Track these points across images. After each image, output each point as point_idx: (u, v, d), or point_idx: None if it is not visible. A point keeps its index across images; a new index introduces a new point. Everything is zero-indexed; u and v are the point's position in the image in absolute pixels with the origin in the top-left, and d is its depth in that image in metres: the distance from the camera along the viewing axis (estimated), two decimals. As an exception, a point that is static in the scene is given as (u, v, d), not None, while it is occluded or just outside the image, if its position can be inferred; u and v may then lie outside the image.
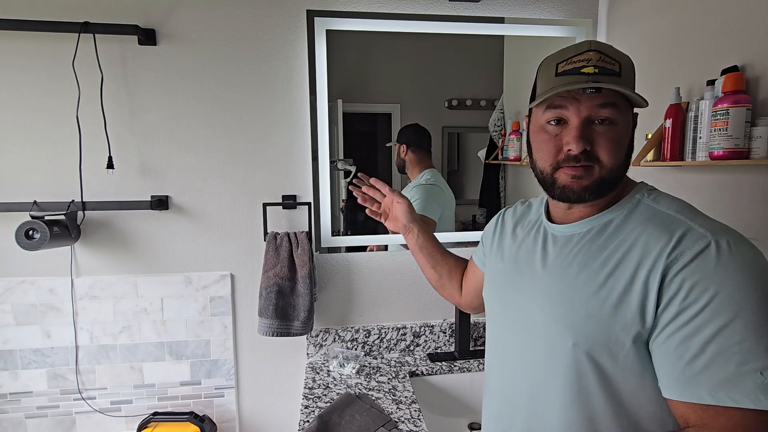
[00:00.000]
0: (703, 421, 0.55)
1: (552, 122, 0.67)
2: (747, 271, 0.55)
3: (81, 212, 1.35)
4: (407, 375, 1.37)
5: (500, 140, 1.55)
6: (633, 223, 0.65)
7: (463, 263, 1.12)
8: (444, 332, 1.55)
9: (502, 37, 1.49)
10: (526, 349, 0.73)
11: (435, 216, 1.54)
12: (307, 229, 1.45)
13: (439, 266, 1.10)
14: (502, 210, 0.95)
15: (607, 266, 0.64)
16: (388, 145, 1.52)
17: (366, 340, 1.52)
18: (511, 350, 0.77)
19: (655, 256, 0.59)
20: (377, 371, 1.40)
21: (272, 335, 1.36)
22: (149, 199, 1.37)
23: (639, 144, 1.27)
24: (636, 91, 0.65)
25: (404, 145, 1.51)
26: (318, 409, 1.17)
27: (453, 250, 1.53)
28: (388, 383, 1.32)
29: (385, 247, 1.53)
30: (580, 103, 0.64)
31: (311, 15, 1.39)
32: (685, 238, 0.59)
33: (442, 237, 1.53)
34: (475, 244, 1.56)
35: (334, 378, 1.35)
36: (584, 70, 0.63)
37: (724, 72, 0.99)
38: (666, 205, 0.65)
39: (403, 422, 1.11)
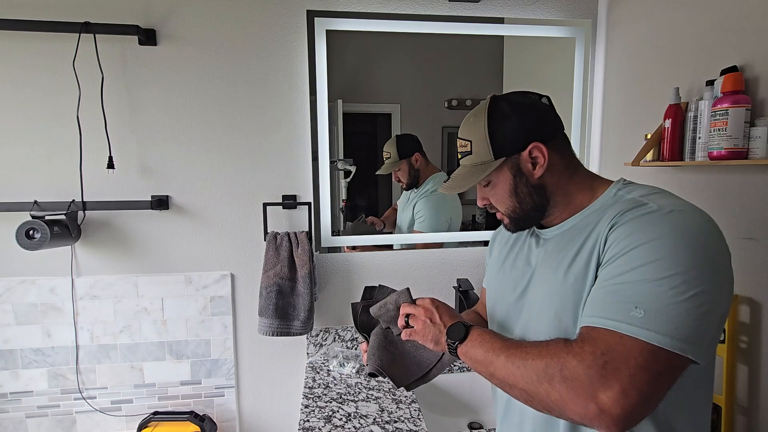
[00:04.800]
0: (583, 335, 0.62)
1: None
2: (678, 230, 0.59)
3: (81, 212, 1.35)
4: (407, 374, 1.37)
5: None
6: (606, 212, 0.70)
7: (470, 312, 1.08)
8: (444, 332, 1.55)
9: (502, 37, 1.49)
10: (528, 338, 0.76)
11: (443, 228, 1.55)
12: (307, 229, 1.45)
13: None
14: (499, 228, 0.97)
15: (576, 246, 0.70)
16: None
17: (366, 339, 1.52)
18: None
19: (605, 225, 0.66)
20: (377, 371, 1.40)
21: (272, 335, 1.36)
22: (149, 199, 1.37)
23: (638, 144, 1.27)
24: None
25: (417, 154, 1.50)
26: (318, 409, 1.17)
27: (455, 250, 1.55)
28: (388, 383, 1.32)
29: (390, 247, 1.54)
30: None
31: (311, 15, 1.39)
32: (634, 209, 0.64)
33: (446, 237, 1.54)
34: (475, 243, 1.57)
35: (334, 378, 1.36)
36: (458, 157, 0.81)
37: (724, 72, 0.99)
38: (637, 192, 0.70)
39: (402, 422, 1.12)
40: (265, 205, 1.42)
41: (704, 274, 0.57)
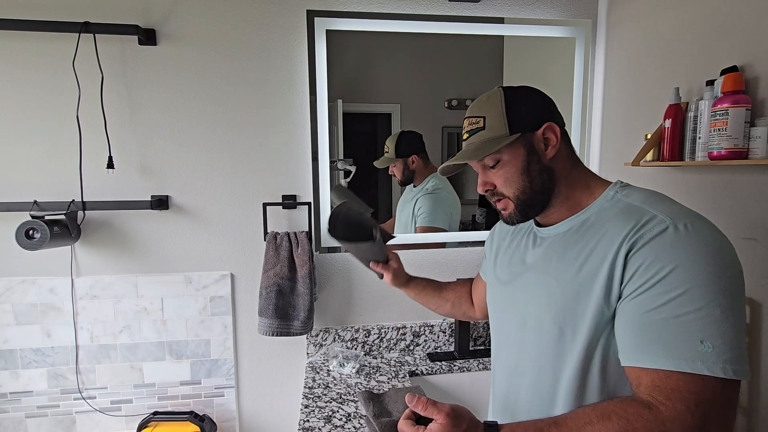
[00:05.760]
0: (654, 382, 0.59)
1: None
2: (702, 249, 0.59)
3: (81, 212, 1.35)
4: (407, 375, 1.37)
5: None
6: (606, 216, 0.70)
7: (467, 282, 1.16)
8: (444, 332, 1.55)
9: (502, 37, 1.49)
10: (525, 341, 0.77)
11: (444, 224, 1.54)
12: (307, 229, 1.45)
13: (445, 295, 1.15)
14: (498, 222, 0.98)
15: (581, 257, 0.69)
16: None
17: (366, 339, 1.52)
18: (512, 345, 0.81)
19: (620, 242, 0.64)
20: (377, 371, 1.40)
21: (272, 335, 1.36)
22: (149, 199, 1.37)
23: (638, 144, 1.27)
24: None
25: (414, 156, 1.50)
26: (318, 409, 1.17)
27: (455, 250, 1.56)
28: (388, 383, 1.32)
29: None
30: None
31: (311, 15, 1.39)
32: (647, 224, 0.63)
33: (447, 237, 1.54)
34: (474, 243, 1.56)
35: (334, 377, 1.36)
36: (463, 137, 0.80)
37: (724, 72, 0.99)
38: (636, 197, 0.69)
39: (402, 422, 1.12)
40: (265, 205, 1.42)
41: (738, 288, 0.59)
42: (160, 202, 1.37)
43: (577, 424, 0.60)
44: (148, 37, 1.33)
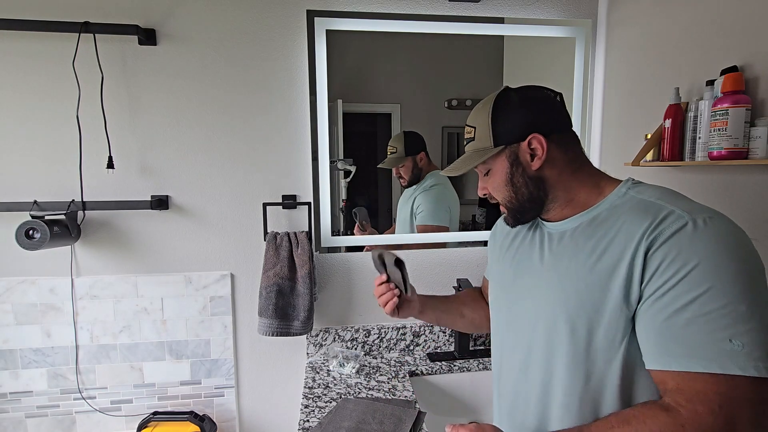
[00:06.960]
0: (679, 386, 0.58)
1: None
2: (723, 245, 0.58)
3: (81, 212, 1.35)
4: (407, 375, 1.37)
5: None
6: (618, 213, 0.68)
7: (477, 290, 1.10)
8: (444, 332, 1.55)
9: (502, 37, 1.49)
10: (535, 341, 0.76)
11: (445, 221, 1.54)
12: (307, 229, 1.45)
13: (462, 310, 1.05)
14: (501, 218, 0.96)
15: (595, 254, 0.67)
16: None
17: (366, 339, 1.52)
18: (521, 346, 0.79)
19: (638, 239, 0.62)
20: (377, 371, 1.40)
21: (272, 335, 1.36)
22: (149, 199, 1.37)
23: (638, 144, 1.27)
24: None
25: (422, 153, 1.50)
26: (318, 409, 1.17)
27: (455, 250, 1.56)
28: (388, 383, 1.32)
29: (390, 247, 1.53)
30: None
31: (311, 15, 1.39)
32: (665, 220, 0.62)
33: (447, 237, 1.54)
34: (475, 243, 1.56)
35: (333, 378, 1.36)
36: (465, 143, 0.83)
37: (724, 72, 0.99)
38: (649, 194, 0.68)
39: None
40: (265, 205, 1.42)
41: (762, 283, 0.58)
42: (160, 202, 1.37)
43: (600, 430, 0.61)
44: (148, 37, 1.33)
